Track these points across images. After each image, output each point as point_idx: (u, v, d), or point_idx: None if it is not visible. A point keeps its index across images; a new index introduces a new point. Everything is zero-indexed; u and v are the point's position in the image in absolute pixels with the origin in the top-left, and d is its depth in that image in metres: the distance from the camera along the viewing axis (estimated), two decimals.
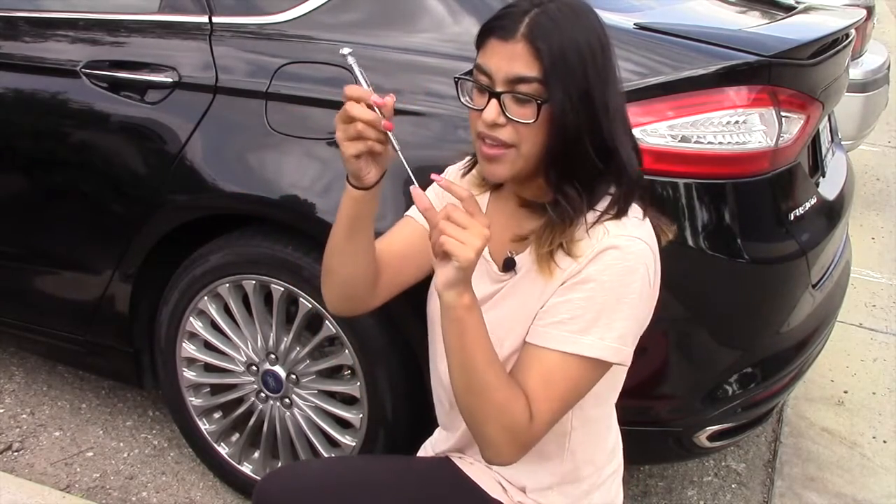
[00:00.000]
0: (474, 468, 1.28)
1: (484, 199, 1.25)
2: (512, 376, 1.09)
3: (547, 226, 1.12)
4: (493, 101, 1.05)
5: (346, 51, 1.10)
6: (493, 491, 1.25)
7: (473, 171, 1.26)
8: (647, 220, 1.13)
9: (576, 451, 1.22)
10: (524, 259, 1.16)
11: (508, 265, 1.18)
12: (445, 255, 0.99)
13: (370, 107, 1.04)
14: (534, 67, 1.03)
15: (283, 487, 1.27)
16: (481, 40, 1.08)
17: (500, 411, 1.05)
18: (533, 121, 1.04)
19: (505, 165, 1.09)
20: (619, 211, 1.10)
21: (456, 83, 1.12)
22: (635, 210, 1.13)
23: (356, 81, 1.07)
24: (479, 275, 1.18)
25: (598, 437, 1.25)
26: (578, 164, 1.08)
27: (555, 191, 1.10)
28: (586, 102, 1.05)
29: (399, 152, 1.07)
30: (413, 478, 1.31)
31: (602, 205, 1.10)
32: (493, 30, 1.06)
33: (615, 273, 1.07)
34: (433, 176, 1.06)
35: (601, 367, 1.10)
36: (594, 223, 1.09)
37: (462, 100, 1.12)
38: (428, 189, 1.23)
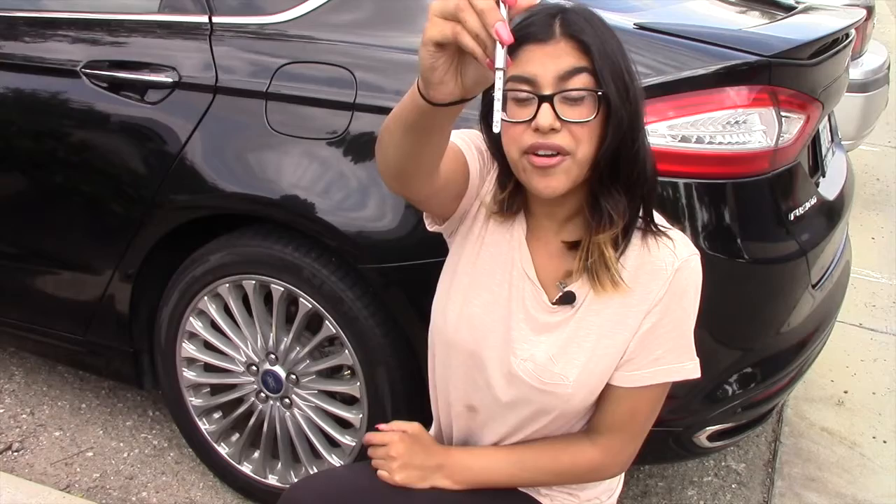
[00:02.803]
0: None
1: (513, 225, 1.18)
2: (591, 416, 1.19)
3: (588, 233, 1.09)
4: (546, 105, 0.99)
5: None
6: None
7: (496, 192, 1.16)
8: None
9: None
10: (581, 290, 1.13)
11: (568, 299, 1.13)
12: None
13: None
14: (582, 59, 1.00)
15: (316, 493, 1.21)
16: (509, 52, 1.01)
17: (570, 474, 1.20)
18: (593, 116, 1.00)
19: (560, 176, 1.03)
20: (655, 224, 1.11)
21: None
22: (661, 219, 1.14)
23: None
24: (532, 302, 1.15)
25: None
26: (624, 165, 1.05)
27: (600, 194, 1.06)
28: (629, 97, 1.02)
29: (500, 72, 0.80)
30: None
31: (639, 219, 1.10)
32: (524, 38, 0.99)
33: (691, 292, 1.11)
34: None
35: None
36: (651, 236, 1.10)
37: (501, 116, 1.01)
38: (457, 134, 1.16)
